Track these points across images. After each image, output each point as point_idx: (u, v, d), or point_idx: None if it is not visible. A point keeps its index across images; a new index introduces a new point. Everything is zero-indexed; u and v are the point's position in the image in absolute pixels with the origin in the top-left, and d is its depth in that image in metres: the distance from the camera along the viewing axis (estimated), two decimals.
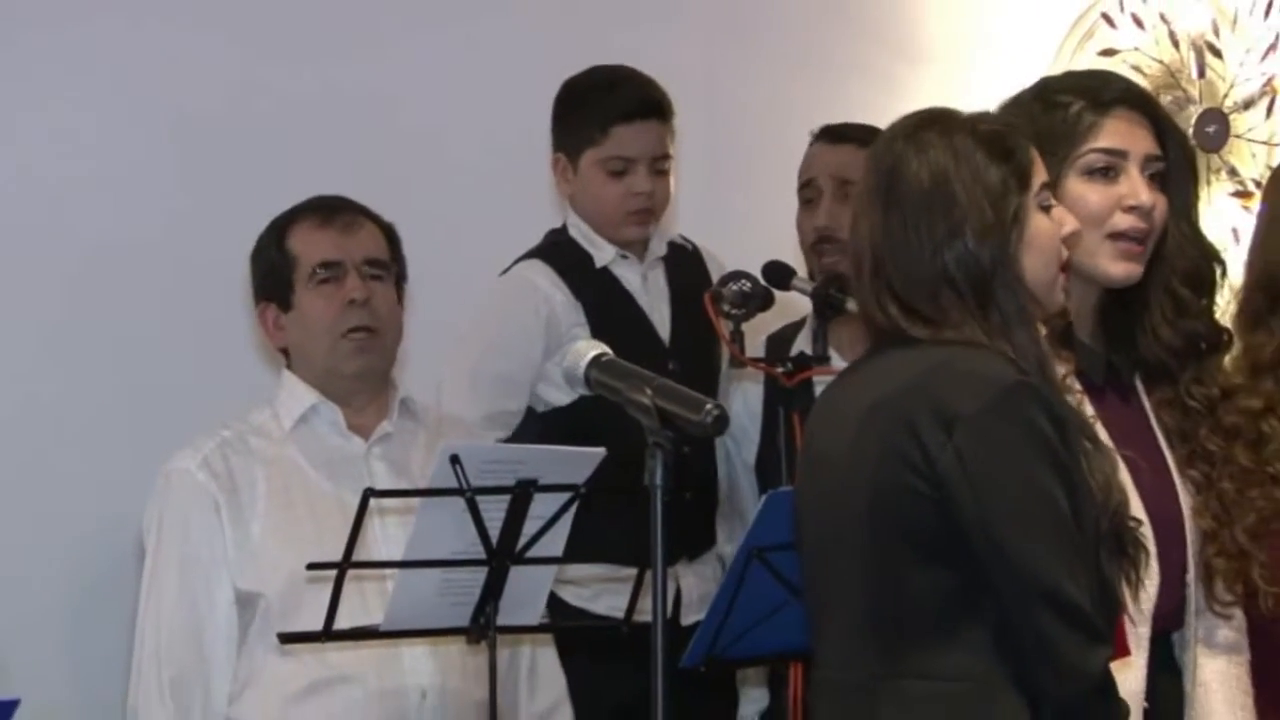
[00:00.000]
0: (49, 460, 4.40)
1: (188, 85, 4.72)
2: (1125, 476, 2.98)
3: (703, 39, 5.20)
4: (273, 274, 3.94)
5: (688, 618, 4.20)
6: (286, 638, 3.53)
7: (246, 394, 4.11)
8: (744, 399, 4.56)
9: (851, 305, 3.36)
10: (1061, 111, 3.16)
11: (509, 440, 4.33)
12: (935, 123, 2.89)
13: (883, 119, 3.02)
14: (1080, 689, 2.76)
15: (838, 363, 4.00)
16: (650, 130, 4.46)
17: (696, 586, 4.37)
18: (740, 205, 4.94)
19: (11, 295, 4.52)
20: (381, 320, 3.90)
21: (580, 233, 4.50)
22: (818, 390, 3.84)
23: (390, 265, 3.96)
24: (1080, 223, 2.97)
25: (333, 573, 3.40)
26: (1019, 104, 3.20)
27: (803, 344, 4.37)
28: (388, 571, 3.56)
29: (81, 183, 4.59)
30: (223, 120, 4.73)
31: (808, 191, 4.62)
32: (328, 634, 3.42)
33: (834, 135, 4.63)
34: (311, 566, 3.48)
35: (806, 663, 3.35)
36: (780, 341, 4.51)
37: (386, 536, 3.61)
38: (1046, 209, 2.89)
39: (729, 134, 5.11)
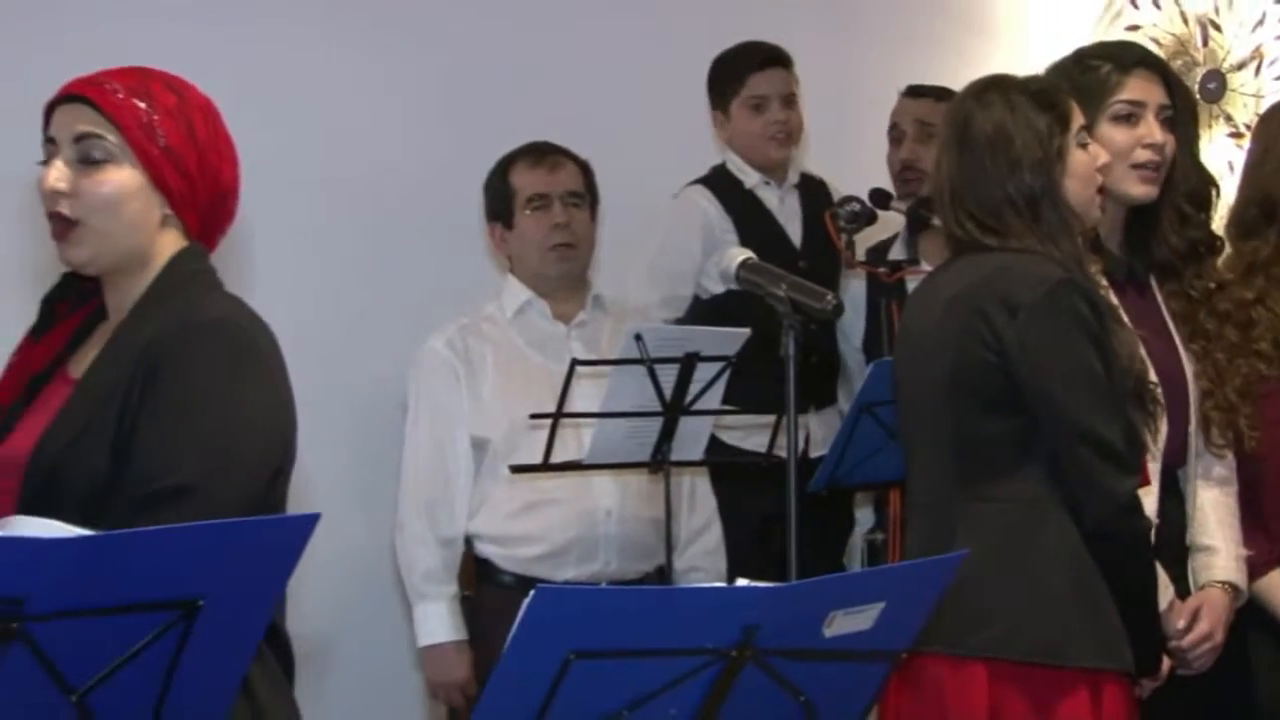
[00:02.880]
0: (345, 342, 4.39)
1: (456, 52, 4.67)
2: (1143, 351, 2.96)
3: (820, 25, 5.17)
4: (498, 201, 4.00)
5: (814, 453, 4.23)
6: (516, 468, 3.60)
7: (480, 290, 4.15)
8: (851, 296, 4.53)
9: (936, 221, 3.36)
10: (1094, 72, 3.11)
11: (679, 320, 4.36)
12: (996, 85, 2.89)
13: (956, 82, 3.07)
14: (1113, 508, 2.75)
15: (924, 266, 4.03)
16: (777, 75, 4.50)
17: (820, 429, 4.37)
18: (852, 147, 4.91)
19: (329, 225, 4.49)
20: (578, 238, 3.95)
21: (734, 165, 4.54)
22: (909, 286, 3.86)
23: (585, 195, 4.00)
24: (1110, 157, 2.97)
25: (546, 421, 3.48)
26: (1061, 68, 3.16)
27: (898, 252, 4.38)
28: (581, 421, 3.61)
29: (366, 124, 4.52)
30: (469, 85, 4.68)
31: (895, 133, 4.67)
32: (546, 465, 3.50)
33: (915, 91, 4.71)
34: (534, 417, 3.56)
35: (901, 489, 3.41)
36: (881, 249, 4.52)
37: (582, 394, 3.56)
38: (1084, 146, 2.89)
39: (843, 95, 5.08)
